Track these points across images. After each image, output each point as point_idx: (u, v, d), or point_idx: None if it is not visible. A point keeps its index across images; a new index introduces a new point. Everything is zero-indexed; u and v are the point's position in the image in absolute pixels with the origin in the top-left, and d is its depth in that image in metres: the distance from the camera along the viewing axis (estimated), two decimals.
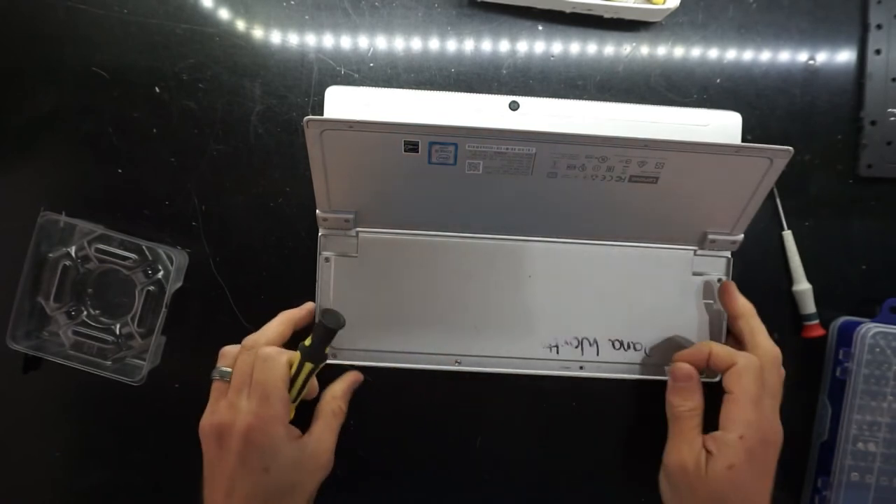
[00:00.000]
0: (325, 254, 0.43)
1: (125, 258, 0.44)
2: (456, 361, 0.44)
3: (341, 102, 0.42)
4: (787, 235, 0.45)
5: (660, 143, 0.37)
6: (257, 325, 0.41)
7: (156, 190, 0.44)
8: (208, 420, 0.37)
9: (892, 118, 0.44)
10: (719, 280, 0.44)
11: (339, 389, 0.42)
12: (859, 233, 0.45)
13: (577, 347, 0.44)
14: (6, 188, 0.45)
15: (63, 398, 0.45)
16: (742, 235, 0.43)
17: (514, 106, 0.42)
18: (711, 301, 0.44)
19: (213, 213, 0.44)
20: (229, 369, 0.38)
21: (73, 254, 0.43)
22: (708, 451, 0.37)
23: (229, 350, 0.39)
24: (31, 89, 0.44)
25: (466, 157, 0.38)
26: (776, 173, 0.38)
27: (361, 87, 0.43)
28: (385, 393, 0.45)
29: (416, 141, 0.37)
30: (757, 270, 0.45)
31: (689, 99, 0.45)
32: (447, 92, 0.44)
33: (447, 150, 0.37)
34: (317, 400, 0.41)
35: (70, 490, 0.45)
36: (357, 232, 0.43)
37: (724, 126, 0.43)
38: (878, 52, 0.44)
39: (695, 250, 0.44)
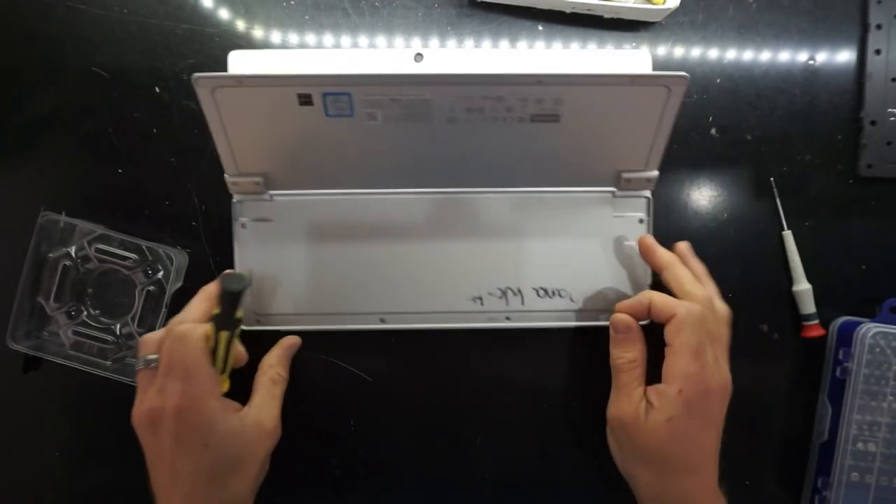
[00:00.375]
0: (241, 220, 0.43)
1: (125, 258, 0.44)
2: (380, 320, 0.44)
3: (244, 66, 0.42)
4: (787, 235, 0.45)
5: (551, 77, 0.36)
6: None
7: (156, 190, 0.44)
8: (138, 409, 0.36)
9: (892, 118, 0.44)
10: (641, 220, 0.44)
11: (274, 357, 0.41)
12: (859, 233, 0.45)
13: (501, 298, 0.44)
14: (6, 188, 0.45)
15: (63, 398, 0.45)
16: (657, 172, 0.42)
17: (418, 58, 0.42)
18: (633, 242, 0.44)
19: (213, 213, 0.44)
20: (154, 356, 0.36)
21: (73, 254, 0.43)
22: (649, 403, 0.37)
23: (150, 337, 0.37)
24: (31, 89, 0.44)
25: (363, 107, 0.37)
26: (676, 102, 0.38)
27: (264, 50, 0.43)
28: (384, 393, 0.45)
29: (308, 93, 0.36)
30: (757, 270, 0.45)
31: (689, 98, 0.45)
32: (353, 49, 0.44)
33: (342, 100, 0.37)
34: (254, 371, 0.41)
35: (70, 490, 0.45)
36: (271, 195, 0.43)
37: (633, 65, 0.43)
38: (878, 52, 0.44)
39: (613, 192, 0.44)
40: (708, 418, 0.37)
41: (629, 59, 0.43)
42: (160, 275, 0.44)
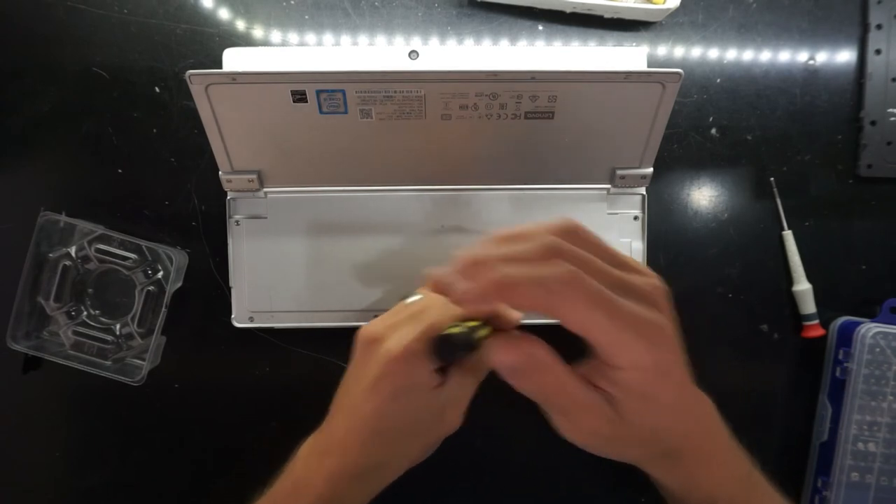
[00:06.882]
0: (235, 217, 0.43)
1: (125, 258, 0.44)
2: (374, 316, 0.44)
3: (239, 63, 0.42)
4: (788, 235, 0.45)
5: (546, 73, 0.36)
6: None
7: (156, 190, 0.44)
8: (367, 327, 0.35)
9: (892, 118, 0.44)
10: (636, 218, 0.44)
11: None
12: (859, 233, 0.45)
13: None
14: (6, 188, 0.45)
15: (63, 398, 0.45)
16: (651, 169, 0.42)
17: (413, 55, 0.42)
18: (629, 240, 0.44)
19: (213, 213, 0.44)
20: (418, 297, 0.35)
21: (73, 254, 0.43)
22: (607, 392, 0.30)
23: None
24: (31, 89, 0.44)
25: (357, 104, 0.37)
26: (671, 99, 0.38)
27: (259, 48, 0.43)
28: None
29: (302, 90, 0.36)
30: (757, 270, 0.45)
31: (689, 98, 0.45)
32: (349, 47, 0.44)
33: (335, 97, 0.37)
34: None
35: (71, 490, 0.45)
36: (265, 192, 0.43)
37: (627, 62, 0.42)
38: (878, 52, 0.44)
39: (608, 189, 0.44)
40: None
41: (624, 55, 0.43)
42: (160, 275, 0.44)
